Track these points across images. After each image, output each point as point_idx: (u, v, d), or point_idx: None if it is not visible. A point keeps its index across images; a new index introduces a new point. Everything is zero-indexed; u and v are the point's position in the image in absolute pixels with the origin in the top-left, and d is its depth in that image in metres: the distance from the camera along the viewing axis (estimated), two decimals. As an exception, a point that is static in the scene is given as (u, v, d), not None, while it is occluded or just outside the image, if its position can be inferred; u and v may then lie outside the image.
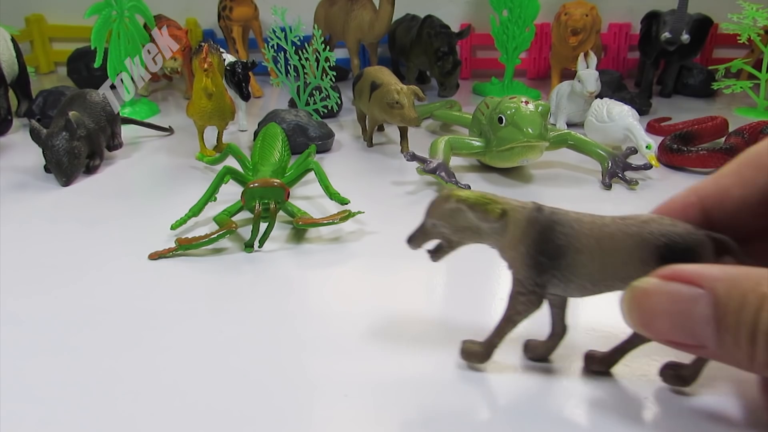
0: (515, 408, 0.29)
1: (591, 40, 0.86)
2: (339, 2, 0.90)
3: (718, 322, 0.21)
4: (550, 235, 0.26)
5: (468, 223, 0.27)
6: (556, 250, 0.26)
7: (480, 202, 0.27)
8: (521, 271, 0.27)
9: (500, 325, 0.29)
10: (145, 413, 0.28)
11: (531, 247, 0.27)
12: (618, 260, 0.26)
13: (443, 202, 0.27)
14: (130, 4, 0.75)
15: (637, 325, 0.24)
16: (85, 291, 0.38)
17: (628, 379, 0.30)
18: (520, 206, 0.27)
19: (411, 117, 0.60)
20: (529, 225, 0.27)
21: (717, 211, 0.25)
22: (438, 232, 0.28)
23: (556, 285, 0.27)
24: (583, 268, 0.26)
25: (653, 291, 0.23)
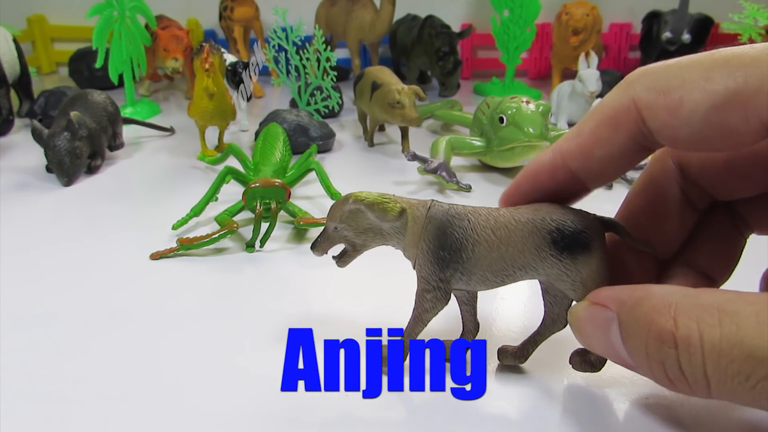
0: (517, 407, 0.29)
1: (592, 40, 0.86)
2: (340, 2, 0.90)
3: (624, 340, 0.23)
4: (448, 229, 0.27)
5: (369, 223, 0.28)
6: (455, 243, 0.27)
7: (378, 201, 0.27)
8: (425, 268, 0.28)
9: (410, 324, 0.29)
10: (145, 413, 0.28)
11: (431, 242, 0.27)
12: (514, 249, 0.26)
13: (342, 203, 0.28)
14: (131, 5, 0.75)
15: (583, 343, 0.26)
16: (85, 291, 0.39)
17: (627, 379, 0.30)
18: (418, 204, 0.28)
19: (412, 117, 0.60)
20: (427, 221, 0.27)
21: (583, 170, 0.26)
22: (341, 236, 0.29)
23: (459, 278, 0.27)
24: (482, 260, 0.27)
25: (582, 315, 0.25)
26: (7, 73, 0.74)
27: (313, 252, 0.29)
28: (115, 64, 0.74)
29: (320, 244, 0.29)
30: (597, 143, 0.25)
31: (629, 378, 0.30)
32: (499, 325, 0.35)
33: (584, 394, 0.29)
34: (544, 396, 0.29)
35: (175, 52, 0.83)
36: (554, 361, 0.31)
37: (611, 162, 0.26)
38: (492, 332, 0.34)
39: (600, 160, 0.25)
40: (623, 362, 0.24)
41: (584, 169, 0.26)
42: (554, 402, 0.29)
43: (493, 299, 0.38)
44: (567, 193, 0.28)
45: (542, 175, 0.27)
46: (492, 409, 0.29)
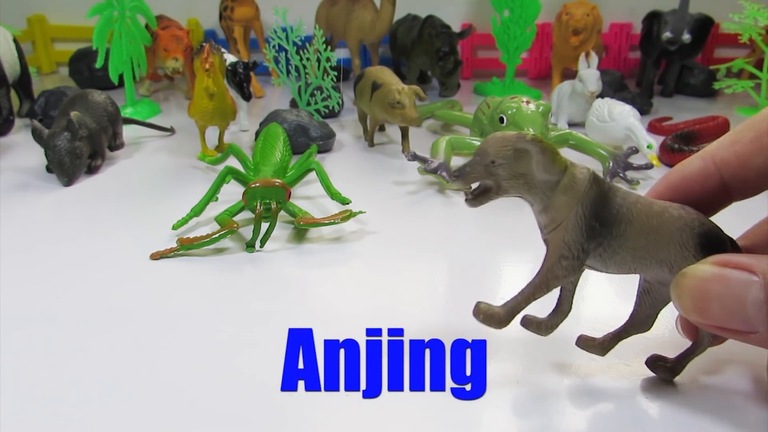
0: (517, 407, 0.29)
1: (592, 40, 0.86)
2: (340, 2, 0.90)
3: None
4: (607, 201, 0.26)
5: (527, 169, 0.26)
6: (610, 217, 0.26)
7: (551, 149, 0.25)
8: (572, 234, 0.26)
9: (531, 288, 0.27)
10: (145, 412, 0.28)
11: (588, 209, 0.26)
12: (662, 239, 0.26)
13: (514, 139, 0.26)
14: (131, 5, 0.75)
15: (690, 310, 0.24)
16: (86, 291, 0.39)
17: (627, 379, 0.30)
18: (579, 168, 0.26)
19: (412, 117, 0.60)
20: (589, 186, 0.26)
21: (736, 179, 0.25)
22: (493, 173, 0.26)
23: (600, 254, 0.26)
24: (630, 242, 0.26)
25: (708, 277, 0.23)
26: (8, 73, 0.74)
27: (455, 181, 0.27)
28: (116, 64, 0.74)
29: (468, 174, 0.26)
30: (759, 152, 0.24)
31: (629, 378, 0.30)
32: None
33: (584, 394, 0.29)
34: (543, 396, 0.29)
35: (176, 52, 0.83)
36: (554, 361, 0.31)
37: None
38: (493, 333, 0.34)
39: (758, 170, 0.25)
40: (741, 329, 0.22)
41: (738, 179, 0.25)
42: (554, 402, 0.29)
43: (493, 299, 0.38)
44: (710, 203, 0.27)
45: (691, 184, 0.27)
46: (492, 409, 0.29)
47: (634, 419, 0.28)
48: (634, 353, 0.31)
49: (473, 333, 0.34)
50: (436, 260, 0.43)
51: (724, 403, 0.29)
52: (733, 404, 0.29)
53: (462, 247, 0.45)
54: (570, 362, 0.31)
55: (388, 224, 0.48)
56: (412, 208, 0.53)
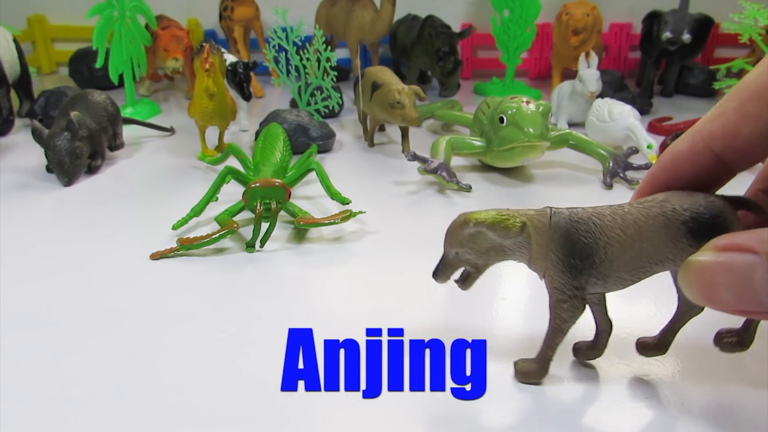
0: (518, 407, 0.29)
1: (592, 40, 0.86)
2: (340, 2, 0.90)
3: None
4: (575, 236, 0.26)
5: (491, 243, 0.27)
6: (585, 249, 0.26)
7: (498, 220, 0.26)
8: (557, 279, 0.27)
9: (550, 337, 0.29)
10: (146, 412, 0.28)
11: (560, 251, 0.26)
12: (648, 245, 0.25)
13: (461, 228, 0.27)
14: (131, 5, 0.75)
15: (701, 298, 0.23)
16: (86, 291, 0.39)
17: (629, 379, 0.30)
18: (536, 214, 0.27)
19: (412, 117, 0.61)
20: (552, 231, 0.26)
21: (728, 151, 0.25)
22: (463, 260, 0.28)
23: (595, 284, 0.27)
24: (616, 261, 0.26)
25: (710, 264, 0.22)
26: (8, 73, 0.74)
27: (435, 280, 0.29)
28: (116, 64, 0.74)
29: (442, 272, 0.28)
30: (744, 120, 0.24)
31: (629, 378, 0.30)
32: (500, 324, 0.35)
33: (584, 394, 0.29)
34: (543, 396, 0.29)
35: (175, 52, 0.83)
36: (554, 361, 0.31)
37: (760, 139, 0.24)
38: (493, 333, 0.34)
39: (748, 139, 0.24)
40: (759, 310, 0.22)
41: (730, 150, 0.25)
42: (554, 402, 0.29)
43: (493, 299, 0.38)
44: (709, 179, 0.26)
45: (682, 163, 0.26)
46: (492, 409, 0.29)
47: (634, 419, 0.28)
48: (633, 353, 0.31)
49: (473, 333, 0.34)
50: (436, 260, 0.43)
51: (724, 403, 0.29)
52: (734, 404, 0.29)
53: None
54: (569, 362, 0.31)
55: (388, 224, 0.48)
56: (412, 208, 0.53)
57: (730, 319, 0.28)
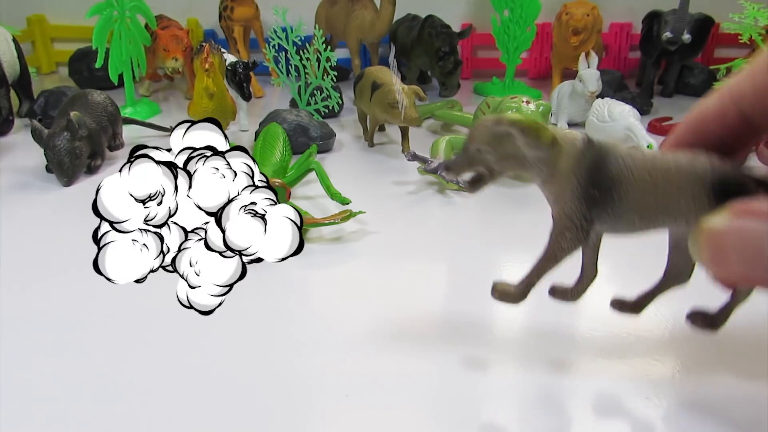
0: (518, 407, 0.29)
1: (592, 40, 0.86)
2: (340, 2, 0.90)
3: None
4: (602, 166, 0.25)
5: (515, 150, 0.26)
6: (608, 182, 0.25)
7: (532, 127, 0.25)
8: (570, 205, 0.26)
9: (541, 262, 0.27)
10: (146, 413, 0.28)
11: (583, 178, 0.25)
12: (670, 194, 0.25)
13: (493, 125, 0.25)
14: (131, 5, 0.75)
15: (710, 263, 0.23)
16: (86, 291, 0.39)
17: (629, 379, 0.30)
18: (569, 135, 0.26)
19: (412, 117, 0.60)
20: (581, 155, 0.25)
21: (756, 111, 0.24)
22: (481, 159, 0.26)
23: (605, 220, 0.26)
24: (634, 203, 0.25)
25: (725, 228, 0.22)
26: (7, 73, 0.74)
27: (447, 173, 0.27)
28: (115, 64, 0.74)
29: (457, 166, 0.27)
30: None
31: (631, 377, 0.30)
32: (499, 325, 0.35)
33: (582, 395, 0.29)
34: (543, 397, 0.29)
35: (175, 52, 0.83)
36: (554, 361, 0.31)
37: None
38: (493, 332, 0.34)
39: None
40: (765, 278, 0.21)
41: (759, 110, 0.24)
42: (554, 402, 0.29)
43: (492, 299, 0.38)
44: (736, 141, 0.26)
45: (709, 123, 0.25)
46: (492, 409, 0.28)
47: (635, 419, 0.28)
48: (636, 354, 0.31)
49: (473, 333, 0.34)
50: (435, 260, 0.43)
51: (725, 403, 0.29)
52: (734, 402, 0.29)
53: (462, 247, 0.45)
54: (570, 362, 0.31)
55: (388, 224, 0.48)
56: (412, 208, 0.53)
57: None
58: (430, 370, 0.31)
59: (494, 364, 0.31)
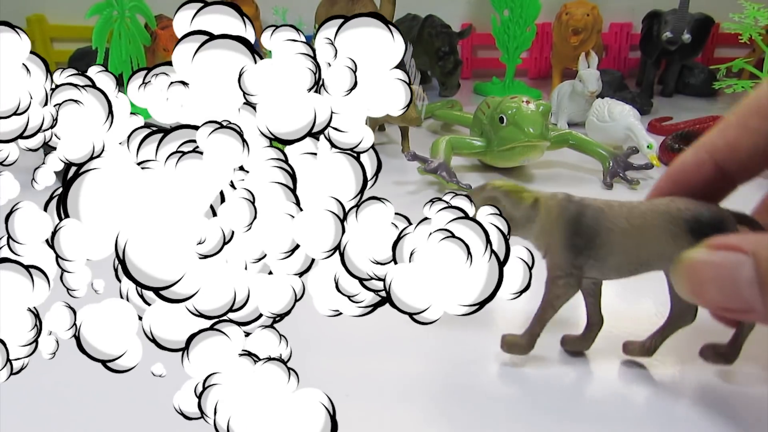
0: (518, 408, 0.29)
1: (592, 40, 0.86)
2: (340, 2, 0.90)
3: (761, 284, 0.21)
4: (582, 218, 0.27)
5: (504, 212, 0.27)
6: (590, 230, 0.27)
7: (514, 190, 0.28)
8: (558, 255, 0.28)
9: (540, 312, 0.30)
10: (145, 413, 0.28)
11: (566, 229, 0.28)
12: (650, 236, 0.27)
13: (479, 190, 0.29)
14: (131, 4, 0.75)
15: (689, 294, 0.24)
16: (86, 290, 0.38)
17: (629, 378, 0.30)
18: (550, 195, 0.28)
19: (412, 117, 0.60)
20: (561, 210, 0.28)
21: (729, 163, 0.26)
22: None
23: (593, 266, 0.28)
24: (617, 247, 0.27)
25: (701, 260, 0.23)
26: (7, 72, 0.74)
27: None
28: (115, 64, 0.74)
29: None
30: (744, 133, 0.25)
31: (630, 378, 0.30)
32: (499, 325, 0.35)
33: (583, 395, 0.29)
34: (544, 397, 0.29)
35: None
36: (554, 362, 0.31)
37: (760, 152, 0.25)
38: (493, 333, 0.34)
39: (748, 151, 0.26)
40: (742, 309, 0.22)
41: (732, 162, 0.26)
42: (554, 403, 0.29)
43: (492, 299, 0.38)
44: (713, 190, 0.28)
45: (687, 174, 0.27)
46: (492, 409, 0.28)
47: (635, 419, 0.28)
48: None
49: (473, 333, 0.34)
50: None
51: (726, 403, 0.29)
52: (734, 403, 0.29)
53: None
54: (570, 362, 0.31)
55: (388, 224, 0.48)
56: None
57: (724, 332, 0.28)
58: (430, 370, 0.31)
59: (494, 365, 0.31)
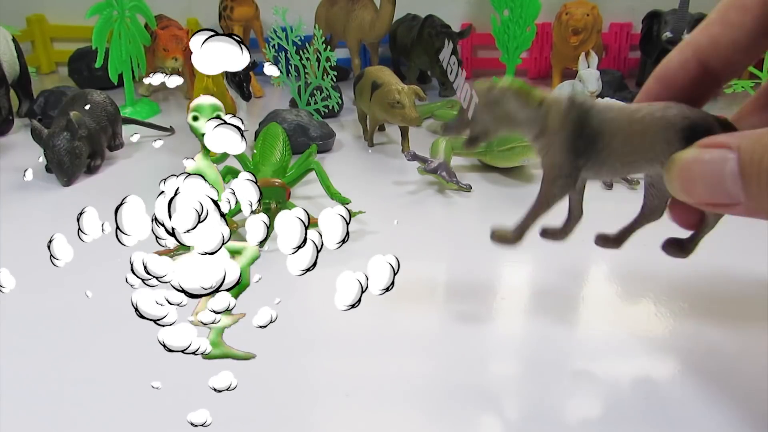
0: (517, 409, 0.29)
1: (592, 40, 0.86)
2: (340, 2, 0.90)
3: (743, 176, 0.23)
4: (586, 120, 0.28)
5: (507, 110, 0.28)
6: (592, 134, 0.28)
7: (523, 90, 0.28)
8: (559, 155, 0.28)
9: (534, 208, 0.30)
10: (145, 413, 0.28)
11: (570, 131, 0.28)
12: (647, 141, 0.27)
13: (487, 90, 0.29)
14: (131, 4, 0.75)
15: (679, 191, 0.25)
16: (85, 291, 0.38)
17: (629, 378, 0.30)
18: (556, 97, 0.29)
19: (412, 117, 0.60)
20: (567, 111, 0.28)
21: (713, 60, 0.27)
22: (477, 121, 0.29)
23: (590, 167, 0.28)
24: (616, 151, 0.28)
25: (690, 159, 0.25)
26: (7, 72, 0.74)
27: (445, 133, 0.31)
28: (115, 64, 0.74)
29: (455, 127, 0.30)
30: (726, 28, 0.26)
31: (630, 378, 0.30)
32: (499, 326, 0.35)
33: (582, 396, 0.29)
34: (544, 398, 0.29)
35: (175, 52, 0.83)
36: (554, 363, 0.31)
37: (741, 47, 0.26)
38: (493, 334, 0.34)
39: (729, 46, 0.26)
40: (726, 201, 0.23)
41: (715, 59, 0.27)
42: (553, 403, 0.29)
43: (493, 298, 0.38)
44: (699, 89, 0.28)
45: (672, 72, 0.28)
46: (492, 409, 0.28)
47: (635, 419, 0.28)
48: (633, 353, 0.31)
49: (473, 333, 0.34)
50: (436, 260, 0.43)
51: (726, 403, 0.29)
52: (734, 403, 0.29)
53: (462, 247, 0.45)
54: (570, 363, 0.31)
55: (388, 224, 0.48)
56: (412, 208, 0.53)
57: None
58: (430, 369, 0.31)
59: (494, 365, 0.31)
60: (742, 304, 0.32)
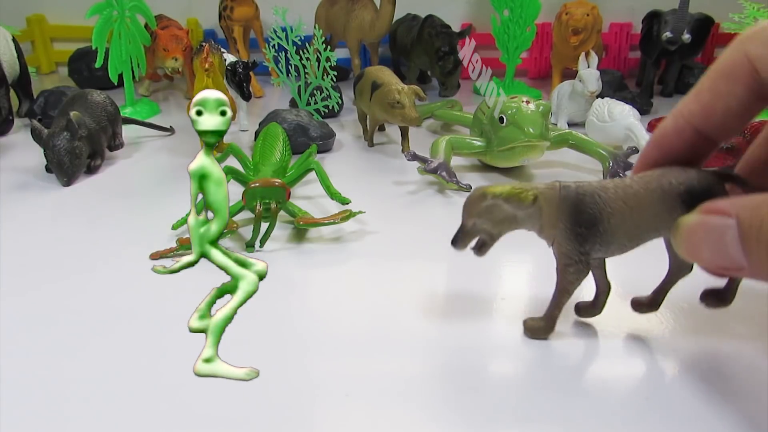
0: (517, 411, 0.29)
1: (592, 40, 0.86)
2: (340, 2, 0.90)
3: (744, 243, 0.23)
4: (581, 207, 0.29)
5: (505, 214, 0.30)
6: (591, 219, 0.28)
7: (513, 193, 0.29)
8: (565, 245, 0.29)
9: (556, 297, 0.31)
10: (145, 413, 0.28)
11: (568, 221, 0.29)
12: (647, 214, 0.28)
13: (479, 200, 0.30)
14: (131, 4, 0.75)
15: (687, 255, 0.26)
16: (85, 291, 0.39)
17: (629, 378, 0.30)
18: (547, 188, 0.29)
19: (412, 117, 0.60)
20: (561, 203, 0.29)
21: (707, 126, 0.28)
22: (479, 230, 0.30)
23: (598, 249, 0.29)
24: (618, 229, 0.28)
25: (693, 226, 0.25)
26: (7, 72, 0.74)
27: (454, 247, 0.31)
28: (115, 64, 0.74)
29: (461, 240, 0.31)
30: (716, 98, 0.27)
31: (630, 378, 0.30)
32: (499, 326, 0.35)
33: (583, 396, 0.29)
34: (544, 398, 0.29)
35: (175, 52, 0.83)
36: (554, 364, 0.31)
37: (733, 114, 0.27)
38: (493, 333, 0.34)
39: (721, 114, 0.27)
40: (731, 266, 0.24)
41: (709, 126, 0.28)
42: (553, 404, 0.29)
43: (493, 299, 0.38)
44: (694, 152, 0.29)
45: (668, 139, 0.29)
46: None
47: (635, 419, 0.28)
48: (633, 353, 0.31)
49: (473, 332, 0.34)
50: (436, 260, 0.43)
51: (726, 403, 0.29)
52: (734, 403, 0.29)
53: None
54: (570, 363, 0.31)
55: (388, 224, 0.48)
56: (412, 208, 0.53)
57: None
58: (431, 369, 0.31)
59: (494, 365, 0.31)
60: (742, 304, 0.32)
